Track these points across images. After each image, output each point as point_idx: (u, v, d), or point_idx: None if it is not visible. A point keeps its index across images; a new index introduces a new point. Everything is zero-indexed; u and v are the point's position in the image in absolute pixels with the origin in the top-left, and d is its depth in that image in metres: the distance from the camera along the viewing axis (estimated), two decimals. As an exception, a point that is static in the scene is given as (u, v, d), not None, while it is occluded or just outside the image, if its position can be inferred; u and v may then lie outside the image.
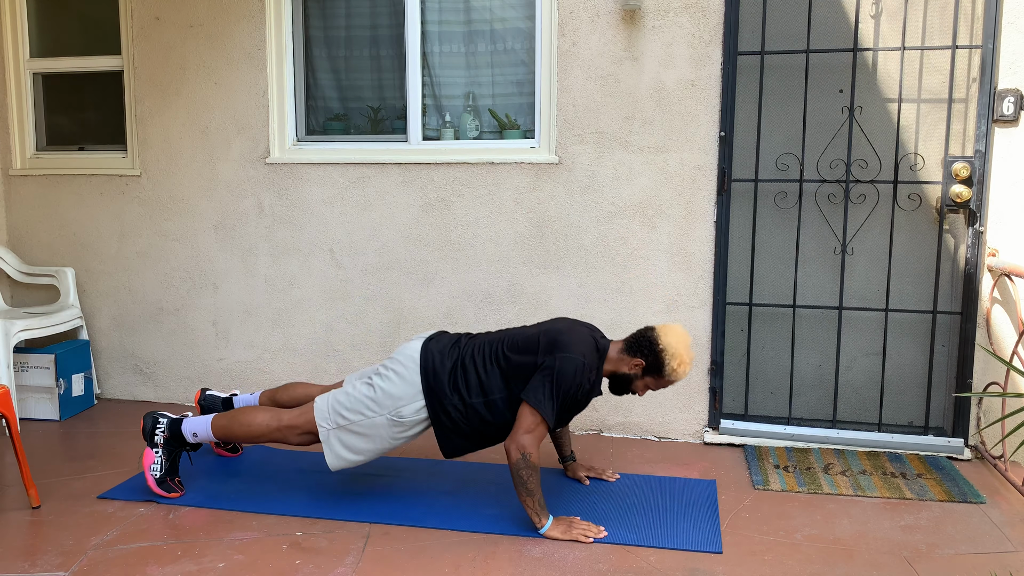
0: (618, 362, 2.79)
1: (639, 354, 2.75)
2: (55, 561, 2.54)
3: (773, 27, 3.47)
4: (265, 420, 2.88)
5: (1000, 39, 3.23)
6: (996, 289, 3.34)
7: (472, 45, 3.82)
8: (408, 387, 2.77)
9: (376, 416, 2.77)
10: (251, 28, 3.85)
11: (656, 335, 2.74)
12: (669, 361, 2.72)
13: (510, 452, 2.64)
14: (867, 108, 3.43)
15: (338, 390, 2.87)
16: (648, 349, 2.74)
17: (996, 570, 2.49)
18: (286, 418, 2.87)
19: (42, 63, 4.22)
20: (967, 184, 3.29)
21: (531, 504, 2.68)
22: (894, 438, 3.42)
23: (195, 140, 3.99)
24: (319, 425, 2.81)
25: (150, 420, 2.97)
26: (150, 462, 2.96)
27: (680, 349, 2.72)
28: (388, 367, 2.82)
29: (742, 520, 2.84)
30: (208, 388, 3.42)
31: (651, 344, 2.74)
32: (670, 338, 2.73)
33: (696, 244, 3.54)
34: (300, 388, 3.20)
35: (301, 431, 2.85)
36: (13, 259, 4.18)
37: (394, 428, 2.78)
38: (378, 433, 2.79)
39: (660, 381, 2.77)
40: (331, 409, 2.81)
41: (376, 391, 2.79)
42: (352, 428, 2.79)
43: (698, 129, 3.48)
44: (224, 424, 2.92)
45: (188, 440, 2.96)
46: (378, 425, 2.78)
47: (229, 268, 4.02)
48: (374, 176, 3.81)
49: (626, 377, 2.79)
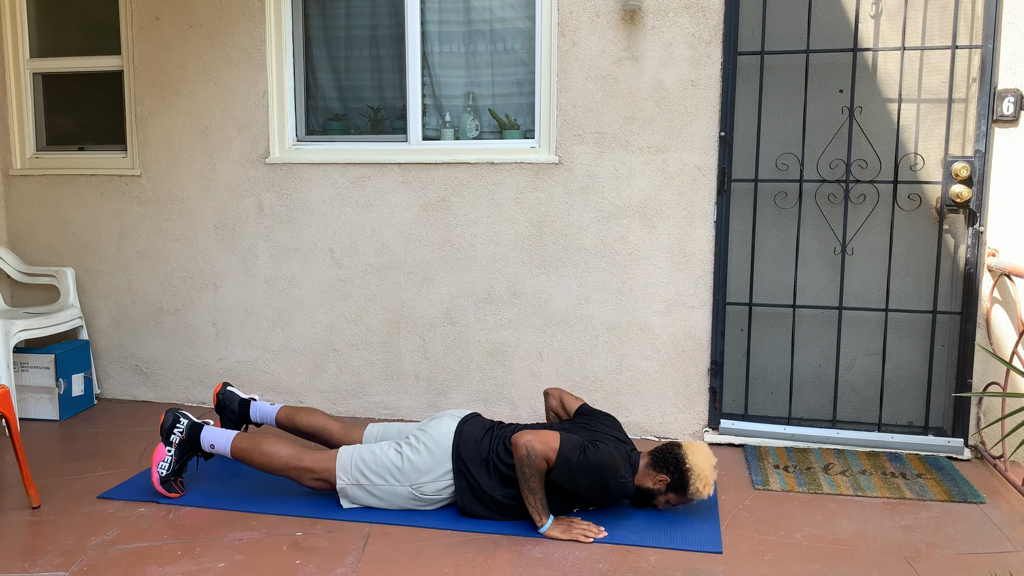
0: (643, 476, 2.81)
1: (664, 470, 2.77)
2: (55, 561, 2.54)
3: (773, 27, 3.47)
4: (286, 457, 2.87)
5: (1000, 39, 3.23)
6: (996, 289, 3.34)
7: (472, 45, 3.82)
8: (435, 464, 2.79)
9: (397, 486, 2.81)
10: (251, 28, 3.85)
11: (683, 453, 2.76)
12: (694, 482, 2.73)
13: (517, 446, 2.64)
14: (867, 108, 3.43)
15: (363, 448, 2.87)
16: (674, 467, 2.76)
17: (996, 570, 2.49)
18: (307, 461, 2.86)
19: (42, 63, 4.22)
20: (967, 184, 3.29)
21: (532, 502, 2.68)
22: (894, 438, 3.42)
23: (195, 140, 3.99)
24: (339, 477, 2.83)
25: (171, 417, 2.97)
26: (160, 459, 2.95)
27: (706, 471, 2.73)
28: (420, 440, 2.82)
29: (742, 520, 2.84)
30: (230, 384, 3.40)
31: (677, 462, 2.75)
32: (696, 458, 2.74)
33: (696, 244, 3.54)
34: (320, 419, 3.17)
35: (318, 477, 2.86)
36: (13, 259, 4.18)
37: (412, 501, 2.83)
38: (395, 501, 2.84)
39: (682, 499, 2.79)
40: (354, 466, 2.83)
41: (403, 460, 2.81)
42: (371, 490, 2.83)
43: (698, 129, 3.48)
44: (244, 447, 2.91)
45: (204, 448, 2.96)
46: (398, 494, 2.82)
47: (229, 268, 4.02)
48: (374, 176, 3.81)
49: (649, 492, 2.81)
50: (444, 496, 2.82)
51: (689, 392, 3.62)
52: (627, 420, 3.68)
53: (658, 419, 3.66)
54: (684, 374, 3.61)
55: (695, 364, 3.60)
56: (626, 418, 3.68)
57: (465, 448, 2.79)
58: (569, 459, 2.63)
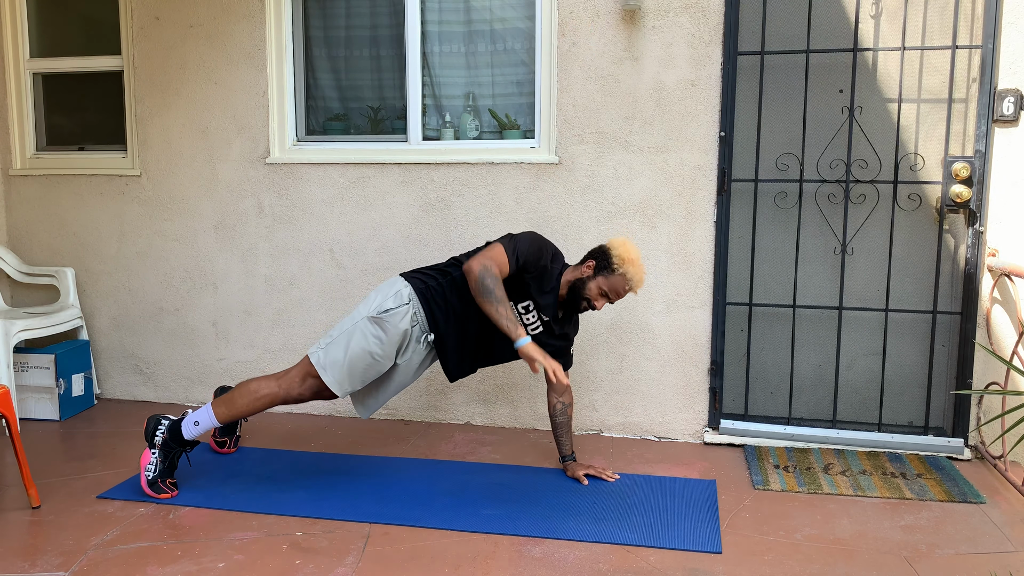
0: (573, 271, 3.02)
1: (589, 257, 3.01)
2: (55, 561, 2.54)
3: (773, 27, 3.47)
4: (265, 383, 2.99)
5: (1000, 39, 3.23)
6: (996, 289, 3.34)
7: (472, 45, 3.82)
8: (381, 291, 2.96)
9: (358, 321, 2.92)
10: (251, 28, 3.85)
11: (606, 243, 3.02)
12: (616, 258, 2.95)
13: (472, 267, 2.79)
14: (867, 108, 3.43)
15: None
16: (597, 251, 3.01)
17: (996, 570, 2.49)
18: (285, 375, 2.99)
19: (42, 63, 4.22)
20: (967, 184, 3.29)
21: (503, 313, 2.77)
22: (894, 438, 3.42)
23: (195, 140, 3.99)
24: (312, 354, 2.95)
25: (153, 422, 3.00)
26: (146, 462, 2.97)
27: (627, 248, 2.96)
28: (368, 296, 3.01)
29: (742, 520, 2.84)
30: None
31: (600, 247, 3.02)
32: (616, 240, 3.00)
33: (696, 244, 3.54)
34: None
35: (302, 376, 2.97)
36: (13, 259, 4.18)
37: (375, 327, 2.90)
38: (364, 340, 2.90)
39: (611, 280, 2.96)
40: (320, 342, 2.98)
41: (357, 309, 2.98)
42: (338, 341, 2.93)
43: (698, 129, 3.48)
44: (226, 398, 3.00)
45: (188, 437, 2.97)
46: (361, 330, 2.91)
47: (229, 268, 4.02)
48: (374, 176, 3.81)
49: (580, 282, 2.98)
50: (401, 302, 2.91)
51: (689, 392, 3.62)
52: (627, 420, 3.68)
53: (658, 419, 3.66)
54: (684, 374, 3.61)
55: (695, 364, 3.60)
56: (626, 418, 3.68)
57: (409, 273, 3.01)
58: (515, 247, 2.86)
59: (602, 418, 3.71)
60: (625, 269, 2.94)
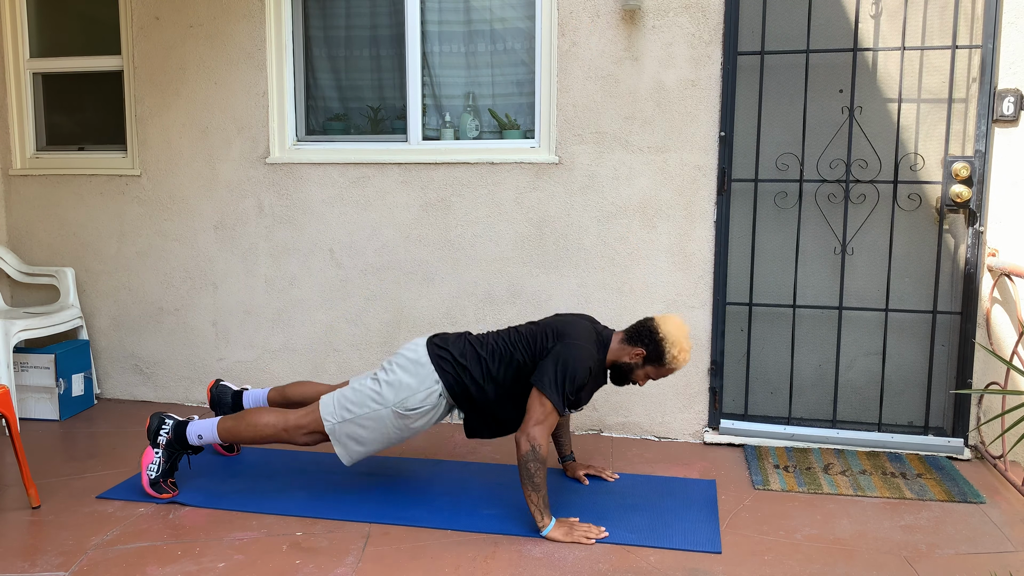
0: (619, 352, 2.83)
1: (639, 343, 2.79)
2: (55, 561, 2.54)
3: (773, 27, 3.46)
4: (272, 421, 2.89)
5: (1000, 39, 3.23)
6: (996, 289, 3.34)
7: (472, 45, 3.82)
8: (412, 378, 2.79)
9: (381, 408, 2.79)
10: (251, 28, 3.85)
11: (655, 324, 2.79)
12: (669, 349, 2.76)
13: (520, 444, 2.65)
14: (867, 108, 3.43)
15: (344, 387, 2.91)
16: (648, 338, 2.78)
17: (996, 570, 2.49)
18: (292, 418, 2.88)
19: (42, 63, 4.22)
20: (967, 184, 3.29)
21: (535, 500, 2.68)
22: (894, 438, 3.42)
23: (195, 140, 3.99)
24: (325, 420, 2.83)
25: (156, 420, 2.98)
26: (148, 461, 2.96)
27: (679, 337, 2.77)
28: (392, 362, 2.85)
29: (742, 520, 2.84)
30: (222, 379, 3.42)
31: (651, 333, 2.78)
32: (669, 327, 2.78)
33: (696, 244, 3.54)
34: (309, 386, 3.22)
35: (308, 430, 2.86)
36: (13, 259, 4.18)
37: (399, 420, 2.80)
38: (383, 426, 2.81)
39: (660, 370, 2.81)
40: (336, 404, 2.84)
41: (381, 385, 2.81)
42: (358, 421, 2.81)
43: (698, 129, 3.48)
44: (230, 426, 2.93)
45: (192, 443, 2.96)
46: (383, 417, 2.80)
47: (229, 268, 4.02)
48: (374, 176, 3.81)
49: (627, 366, 2.83)
50: (429, 404, 2.80)
51: (689, 392, 3.62)
52: (627, 420, 3.68)
53: (658, 419, 3.66)
54: (684, 374, 3.61)
55: (695, 364, 3.60)
56: (626, 418, 3.68)
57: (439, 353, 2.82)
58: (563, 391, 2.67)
59: (602, 418, 3.71)
60: (677, 364, 2.78)
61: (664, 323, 2.79)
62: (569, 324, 2.80)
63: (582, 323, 2.83)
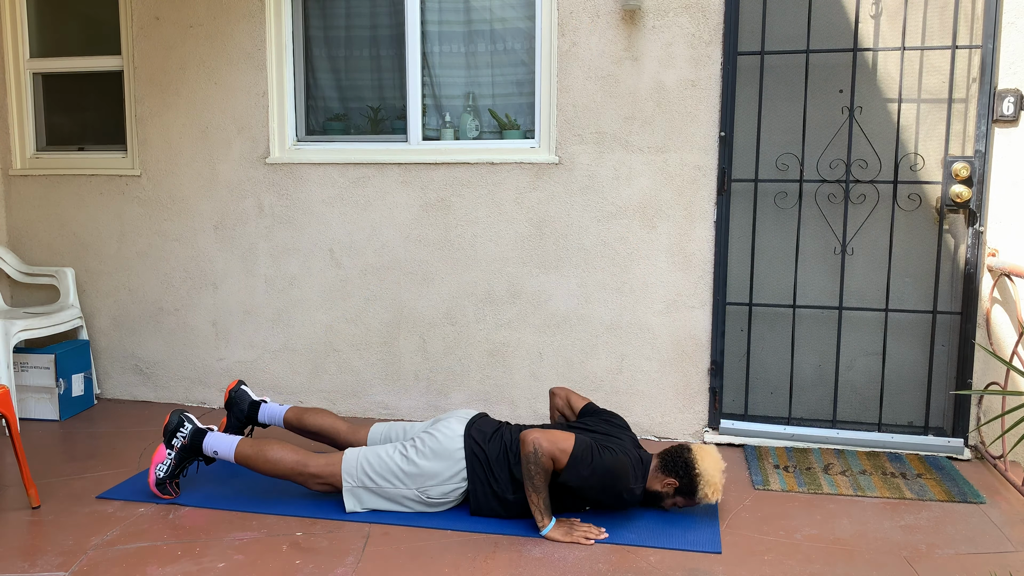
0: (652, 479, 2.82)
1: (674, 474, 2.78)
2: (55, 561, 2.54)
3: (773, 27, 3.46)
4: (290, 463, 2.85)
5: (1000, 39, 3.23)
6: (996, 289, 3.34)
7: (472, 45, 3.82)
8: (442, 467, 2.78)
9: (404, 489, 2.80)
10: (251, 28, 3.85)
11: (693, 458, 2.77)
12: (703, 487, 2.74)
13: (525, 442, 2.65)
14: (867, 108, 3.43)
15: (368, 451, 2.86)
16: (683, 471, 2.76)
17: (996, 570, 2.49)
18: (312, 467, 2.84)
19: (42, 63, 4.22)
20: (967, 184, 3.29)
21: (536, 501, 2.68)
22: (894, 438, 3.42)
23: (195, 140, 3.99)
24: (344, 480, 2.82)
25: (176, 419, 2.95)
26: (159, 460, 2.95)
27: (715, 477, 2.74)
28: (426, 444, 2.81)
29: (742, 520, 2.84)
30: (244, 383, 3.38)
31: (687, 467, 2.76)
32: (706, 464, 2.75)
33: (696, 244, 3.54)
34: (328, 419, 3.17)
35: (323, 482, 2.85)
36: (13, 259, 4.18)
37: (419, 504, 2.83)
38: (402, 503, 2.84)
39: (689, 502, 2.81)
40: (359, 468, 2.83)
41: (409, 464, 2.79)
42: (377, 492, 2.82)
43: (698, 129, 3.48)
44: (249, 455, 2.89)
45: (206, 454, 2.95)
46: (405, 497, 2.82)
47: (229, 268, 4.02)
48: (374, 176, 3.81)
49: (657, 495, 2.83)
50: (451, 499, 2.82)
51: (689, 392, 3.62)
52: (627, 420, 3.68)
53: (658, 419, 3.66)
54: (684, 374, 3.61)
55: (695, 364, 3.60)
56: (626, 418, 3.68)
57: (475, 451, 2.79)
58: (582, 461, 2.63)
59: (602, 418, 3.71)
60: (708, 499, 2.76)
61: (702, 458, 2.76)
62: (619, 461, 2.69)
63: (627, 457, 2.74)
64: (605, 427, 2.90)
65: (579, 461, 2.63)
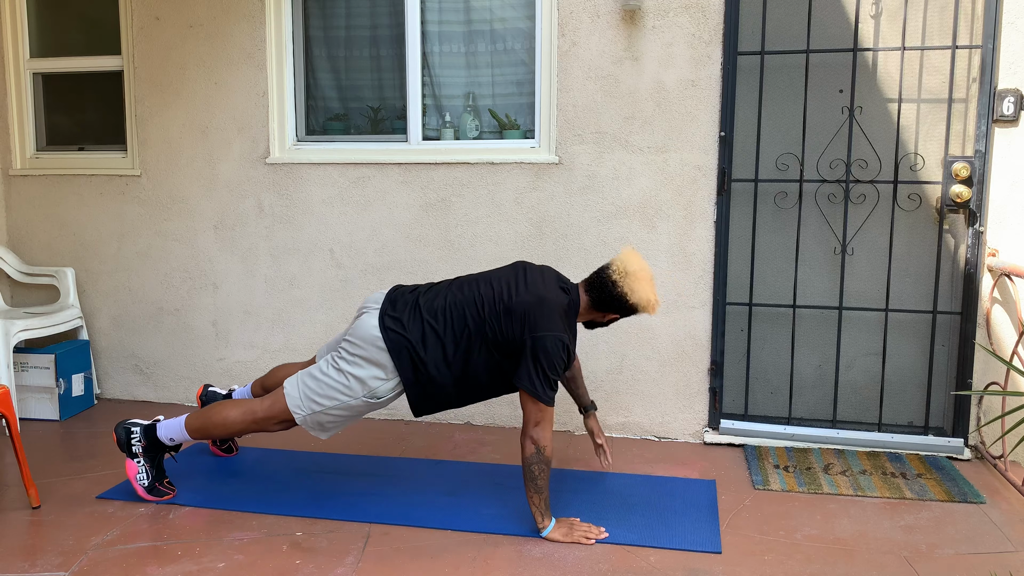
0: (589, 315, 2.80)
1: (611, 310, 2.75)
2: (55, 561, 2.54)
3: (773, 27, 3.47)
4: (239, 416, 2.82)
5: (1000, 39, 3.23)
6: (996, 289, 3.34)
7: (472, 45, 3.82)
8: (378, 369, 2.71)
9: (351, 400, 2.74)
10: (251, 28, 3.85)
11: (623, 291, 2.69)
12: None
13: (524, 446, 2.63)
14: (867, 108, 3.43)
15: (303, 374, 2.79)
16: (619, 304, 2.72)
17: (996, 570, 2.49)
18: (259, 411, 2.80)
19: (42, 63, 4.22)
20: (967, 184, 3.29)
21: (537, 502, 2.67)
22: (894, 438, 3.42)
23: (195, 140, 3.99)
24: (294, 413, 2.76)
25: (122, 431, 2.92)
26: (134, 472, 2.92)
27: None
28: (353, 353, 2.73)
29: (742, 520, 2.84)
30: (211, 384, 3.40)
31: (621, 301, 2.71)
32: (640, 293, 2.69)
33: (696, 244, 3.54)
34: (283, 370, 3.17)
35: (277, 420, 2.80)
36: (13, 259, 4.18)
37: (372, 404, 2.77)
38: (355, 411, 2.78)
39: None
40: (302, 396, 2.76)
41: (347, 377, 2.73)
42: (329, 412, 2.76)
43: (698, 129, 3.48)
44: (199, 425, 2.86)
45: (167, 444, 2.92)
46: (355, 406, 2.76)
47: (229, 268, 4.02)
48: (374, 176, 3.81)
49: (599, 323, 2.85)
50: (399, 390, 2.76)
51: (689, 392, 3.62)
52: (627, 420, 3.68)
53: (658, 419, 3.66)
54: (684, 374, 3.61)
55: (695, 364, 3.60)
56: (626, 418, 3.68)
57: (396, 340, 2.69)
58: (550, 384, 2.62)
59: (602, 418, 3.71)
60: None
61: (631, 289, 2.69)
62: (537, 307, 2.64)
63: (550, 298, 2.67)
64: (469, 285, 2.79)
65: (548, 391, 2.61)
